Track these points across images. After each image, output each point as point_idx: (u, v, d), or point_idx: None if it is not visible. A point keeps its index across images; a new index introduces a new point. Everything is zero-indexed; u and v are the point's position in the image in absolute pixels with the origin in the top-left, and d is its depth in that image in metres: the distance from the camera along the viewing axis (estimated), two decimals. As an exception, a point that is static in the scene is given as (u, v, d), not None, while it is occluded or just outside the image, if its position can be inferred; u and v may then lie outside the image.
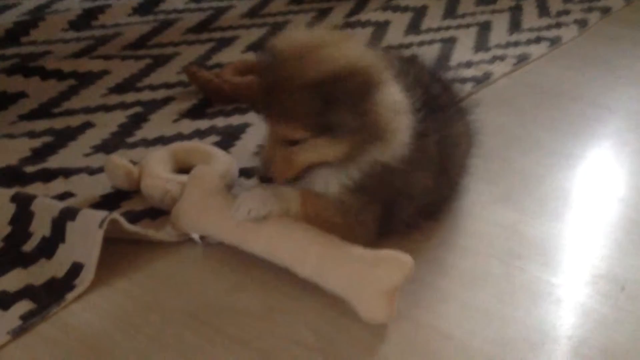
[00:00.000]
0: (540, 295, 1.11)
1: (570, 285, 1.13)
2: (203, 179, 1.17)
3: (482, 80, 1.88)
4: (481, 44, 2.15)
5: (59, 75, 1.81)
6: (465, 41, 2.17)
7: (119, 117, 1.63)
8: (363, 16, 2.34)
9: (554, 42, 2.17)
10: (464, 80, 1.86)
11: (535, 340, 1.01)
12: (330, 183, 1.10)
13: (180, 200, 1.18)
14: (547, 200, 1.36)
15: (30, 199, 1.20)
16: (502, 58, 2.04)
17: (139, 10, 2.26)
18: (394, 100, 1.07)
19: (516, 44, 2.16)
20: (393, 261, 1.01)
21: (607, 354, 0.99)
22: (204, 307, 1.06)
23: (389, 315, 1.00)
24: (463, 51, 2.10)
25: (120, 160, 1.31)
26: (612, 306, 1.08)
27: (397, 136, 1.07)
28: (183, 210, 1.16)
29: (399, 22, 2.31)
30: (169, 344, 0.99)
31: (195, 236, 1.18)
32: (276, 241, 1.08)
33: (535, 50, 2.11)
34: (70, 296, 1.06)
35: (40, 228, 1.16)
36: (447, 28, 2.28)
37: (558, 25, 2.32)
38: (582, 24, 2.33)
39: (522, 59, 2.04)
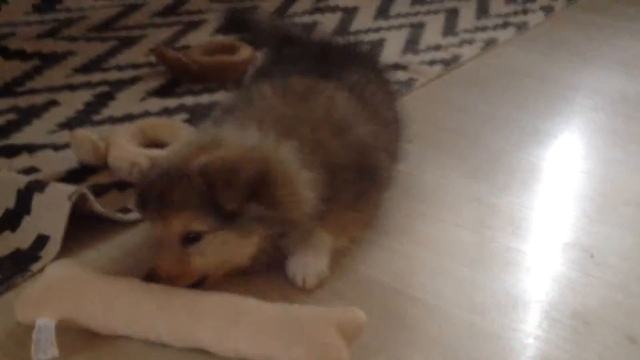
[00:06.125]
0: (510, 263, 1.11)
1: (539, 253, 1.14)
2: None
3: (451, 63, 1.89)
4: (449, 29, 2.16)
5: (23, 55, 1.78)
6: (434, 26, 2.17)
7: (85, 96, 1.61)
8: (332, 2, 2.33)
9: (521, 27, 2.19)
10: (432, 62, 1.87)
11: (506, 304, 1.02)
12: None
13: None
14: (516, 174, 1.37)
15: (-8, 172, 1.17)
16: (470, 42, 2.05)
17: (105, -6, 2.24)
18: (297, 174, 0.96)
19: (484, 29, 2.17)
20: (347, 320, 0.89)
21: (576, 317, 1.00)
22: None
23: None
24: (432, 35, 2.10)
25: (86, 133, 1.29)
26: (581, 272, 1.10)
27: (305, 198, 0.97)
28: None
29: (367, 8, 2.30)
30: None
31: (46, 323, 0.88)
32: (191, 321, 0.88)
33: (502, 34, 2.13)
34: (35, 267, 1.04)
35: (4, 200, 1.14)
36: (416, 14, 2.27)
37: (524, 12, 2.34)
38: (548, 10, 2.36)
39: (490, 43, 2.05)
